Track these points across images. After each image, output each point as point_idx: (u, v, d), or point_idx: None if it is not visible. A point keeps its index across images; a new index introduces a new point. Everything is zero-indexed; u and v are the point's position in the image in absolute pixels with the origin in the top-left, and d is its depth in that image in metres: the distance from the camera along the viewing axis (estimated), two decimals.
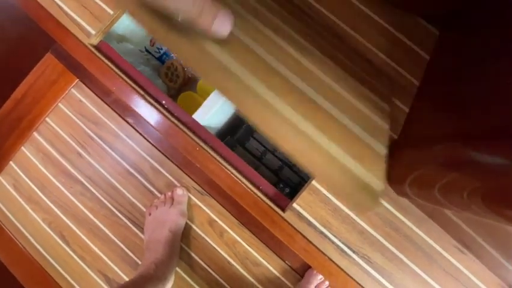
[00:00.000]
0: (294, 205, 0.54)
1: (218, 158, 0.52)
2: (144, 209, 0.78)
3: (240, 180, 0.53)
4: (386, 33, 0.52)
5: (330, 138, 0.36)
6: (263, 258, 0.77)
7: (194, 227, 0.77)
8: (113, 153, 0.80)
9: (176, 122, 0.55)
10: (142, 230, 0.78)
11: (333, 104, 0.39)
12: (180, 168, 0.79)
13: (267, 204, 0.52)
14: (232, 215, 0.74)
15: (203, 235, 0.76)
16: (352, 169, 0.37)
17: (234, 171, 0.52)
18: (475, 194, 0.37)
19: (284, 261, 0.75)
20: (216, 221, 0.76)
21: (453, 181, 0.40)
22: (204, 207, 0.77)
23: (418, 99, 0.54)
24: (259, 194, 0.52)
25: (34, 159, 0.81)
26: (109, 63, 0.54)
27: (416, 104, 0.54)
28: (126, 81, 0.60)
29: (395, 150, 0.50)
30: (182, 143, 0.54)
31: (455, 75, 0.47)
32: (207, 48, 0.29)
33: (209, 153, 0.54)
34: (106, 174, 0.80)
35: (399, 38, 0.52)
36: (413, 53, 0.52)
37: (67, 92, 0.80)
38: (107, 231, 0.79)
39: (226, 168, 0.54)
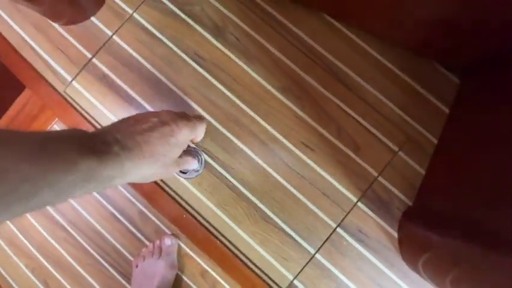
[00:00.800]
0: (296, 282, 0.48)
1: (207, 225, 0.46)
2: (131, 258, 0.72)
3: (233, 252, 0.47)
4: (400, 82, 0.46)
5: None
6: None
7: (185, 278, 0.70)
8: (98, 196, 0.74)
9: (161, 183, 0.49)
10: (128, 280, 0.72)
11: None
12: None
13: (262, 279, 0.46)
14: None
15: (195, 287, 0.70)
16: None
17: (225, 241, 0.46)
18: None
19: None
20: (208, 272, 0.69)
21: (463, 277, 0.34)
22: (195, 257, 0.67)
23: (434, 163, 0.48)
24: (254, 268, 0.45)
25: None
26: (87, 116, 0.48)
27: (431, 168, 0.48)
28: None
29: (407, 220, 0.44)
30: (167, 209, 0.48)
31: (474, 141, 0.40)
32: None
33: (198, 220, 0.48)
34: (90, 219, 0.74)
35: (416, 88, 0.45)
36: (431, 106, 0.46)
37: (48, 128, 0.75)
38: (92, 281, 0.73)
39: (217, 238, 0.47)
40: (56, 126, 0.77)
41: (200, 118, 0.38)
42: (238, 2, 0.47)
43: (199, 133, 0.37)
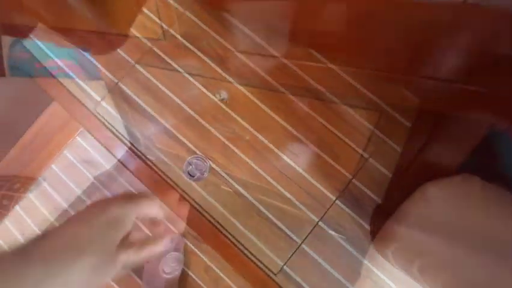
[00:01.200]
0: (285, 268, 0.56)
1: (211, 220, 0.55)
2: None
3: (232, 242, 0.56)
4: (370, 102, 0.55)
5: None
6: None
7: (190, 273, 0.78)
8: (107, 193, 0.82)
9: (166, 179, 0.58)
10: (139, 275, 0.79)
11: None
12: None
13: (257, 266, 0.54)
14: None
15: (199, 281, 0.78)
16: None
17: (226, 233, 0.54)
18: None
19: None
20: (211, 268, 0.78)
21: (429, 265, 0.41)
22: (200, 253, 0.74)
23: (399, 168, 0.57)
24: (250, 256, 0.54)
25: (39, 205, 0.85)
26: (114, 131, 0.58)
27: (397, 172, 0.57)
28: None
29: (377, 215, 0.52)
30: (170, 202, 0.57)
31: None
32: None
33: (204, 216, 0.57)
34: None
35: (383, 106, 0.55)
36: (396, 121, 0.55)
37: (72, 139, 0.85)
38: None
39: (219, 231, 0.57)
40: (79, 138, 0.87)
41: (145, 193, 0.32)
42: (235, 36, 0.58)
43: (144, 207, 0.30)
